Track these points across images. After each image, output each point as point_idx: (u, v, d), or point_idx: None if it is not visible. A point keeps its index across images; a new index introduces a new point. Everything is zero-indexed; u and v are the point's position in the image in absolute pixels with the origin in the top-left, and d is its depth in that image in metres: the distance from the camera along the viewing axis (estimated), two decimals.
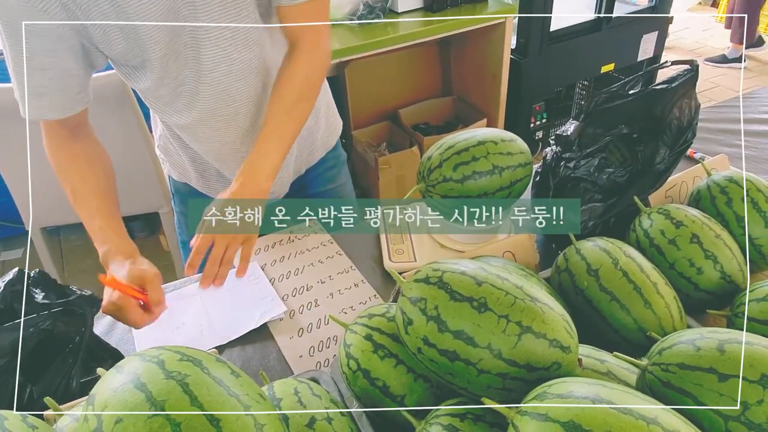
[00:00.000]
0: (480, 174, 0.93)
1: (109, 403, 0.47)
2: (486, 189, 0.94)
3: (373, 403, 0.66)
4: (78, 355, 0.76)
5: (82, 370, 0.75)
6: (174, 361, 0.49)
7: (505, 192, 0.96)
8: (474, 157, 0.93)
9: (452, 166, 0.93)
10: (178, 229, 1.25)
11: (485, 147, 0.95)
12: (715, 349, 0.54)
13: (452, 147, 0.96)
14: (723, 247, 0.83)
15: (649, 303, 0.74)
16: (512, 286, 0.59)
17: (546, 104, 2.89)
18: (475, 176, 0.93)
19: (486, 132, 0.99)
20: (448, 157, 0.94)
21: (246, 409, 0.47)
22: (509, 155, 0.96)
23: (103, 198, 0.91)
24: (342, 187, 1.28)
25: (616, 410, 0.44)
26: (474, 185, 0.93)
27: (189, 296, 0.99)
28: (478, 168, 0.93)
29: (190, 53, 0.86)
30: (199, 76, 0.89)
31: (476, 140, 0.95)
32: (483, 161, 0.93)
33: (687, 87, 0.98)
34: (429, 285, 0.60)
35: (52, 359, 0.74)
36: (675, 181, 1.06)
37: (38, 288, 0.80)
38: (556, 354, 0.56)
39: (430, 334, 0.58)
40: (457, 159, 0.94)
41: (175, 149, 1.10)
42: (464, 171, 0.93)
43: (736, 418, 0.50)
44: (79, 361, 0.76)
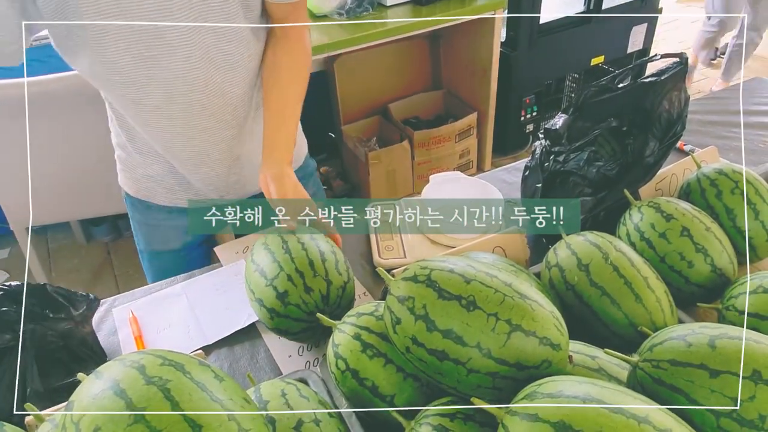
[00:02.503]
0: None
1: (87, 410, 0.45)
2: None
3: (362, 403, 0.65)
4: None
5: (63, 373, 0.74)
6: (155, 365, 0.48)
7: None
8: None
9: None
10: (137, 239, 1.18)
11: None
12: (706, 344, 0.53)
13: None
14: (713, 240, 0.82)
15: (639, 297, 0.73)
16: (501, 284, 0.58)
17: (536, 97, 2.89)
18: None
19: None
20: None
21: (230, 416, 0.46)
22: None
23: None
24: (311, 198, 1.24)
25: (607, 409, 0.44)
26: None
27: (175, 296, 0.97)
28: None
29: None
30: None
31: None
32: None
33: (676, 79, 0.97)
34: (417, 283, 0.59)
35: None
36: (665, 174, 1.05)
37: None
38: (546, 352, 0.55)
39: (419, 333, 0.57)
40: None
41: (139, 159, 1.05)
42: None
43: (728, 414, 0.49)
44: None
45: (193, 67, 0.87)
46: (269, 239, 0.83)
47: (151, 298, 0.97)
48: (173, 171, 1.05)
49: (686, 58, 0.95)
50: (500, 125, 2.82)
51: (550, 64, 2.82)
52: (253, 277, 0.80)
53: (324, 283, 0.77)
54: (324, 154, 2.96)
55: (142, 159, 1.04)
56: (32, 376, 0.71)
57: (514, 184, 1.22)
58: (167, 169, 1.04)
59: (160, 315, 0.94)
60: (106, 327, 0.92)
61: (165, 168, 1.04)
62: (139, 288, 1.00)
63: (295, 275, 0.77)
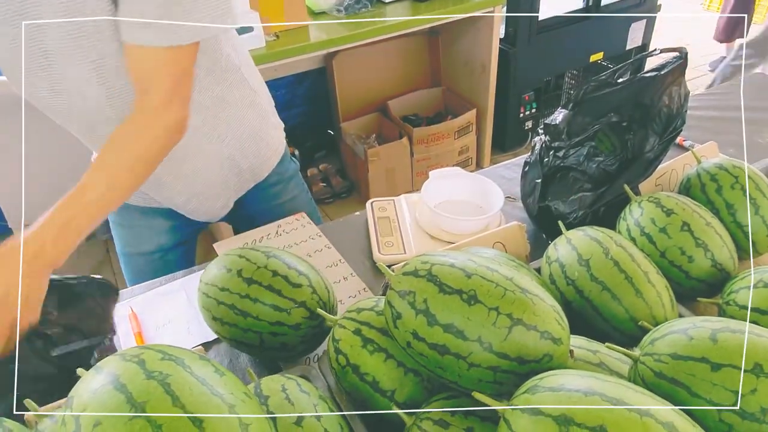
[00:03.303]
0: None
1: (88, 405, 0.45)
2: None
3: (362, 399, 0.65)
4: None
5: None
6: (155, 360, 0.48)
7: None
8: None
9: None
10: (117, 241, 1.15)
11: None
12: (707, 338, 0.53)
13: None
14: (714, 234, 0.82)
15: (640, 292, 0.73)
16: (502, 278, 0.58)
17: (535, 94, 2.89)
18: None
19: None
20: None
21: (230, 409, 0.46)
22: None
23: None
24: (291, 202, 1.19)
25: (609, 403, 0.43)
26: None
27: (174, 292, 0.97)
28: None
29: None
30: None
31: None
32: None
33: (676, 74, 0.97)
34: (418, 278, 0.59)
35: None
36: (665, 169, 1.05)
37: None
38: (547, 346, 0.55)
39: (420, 327, 0.57)
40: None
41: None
42: None
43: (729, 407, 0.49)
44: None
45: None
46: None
47: (150, 294, 0.97)
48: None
49: (686, 53, 0.95)
50: (499, 122, 2.82)
51: (549, 61, 2.81)
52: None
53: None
54: (323, 152, 2.96)
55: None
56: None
57: (513, 180, 1.22)
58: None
59: (160, 311, 0.94)
60: None
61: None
62: (138, 284, 1.00)
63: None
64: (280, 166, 1.15)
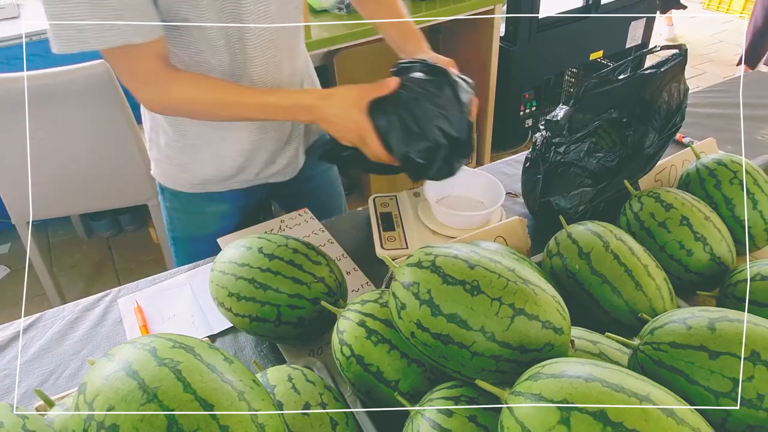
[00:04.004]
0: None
1: (100, 391, 0.46)
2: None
3: (367, 389, 0.66)
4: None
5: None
6: (166, 348, 0.49)
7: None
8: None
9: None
10: (168, 225, 1.22)
11: None
12: (705, 327, 0.54)
13: None
14: (712, 229, 0.83)
15: (640, 285, 0.74)
16: (504, 269, 0.59)
17: (536, 92, 2.89)
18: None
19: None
20: None
21: (240, 395, 0.47)
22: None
23: (246, 88, 0.94)
24: (330, 169, 1.32)
25: (609, 388, 0.44)
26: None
27: (179, 286, 0.98)
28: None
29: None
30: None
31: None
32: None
33: (675, 71, 0.98)
34: (421, 269, 0.60)
35: None
36: (664, 165, 1.06)
37: None
38: (548, 335, 0.56)
39: (423, 318, 0.58)
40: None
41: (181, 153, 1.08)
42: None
43: (726, 394, 0.50)
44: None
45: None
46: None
47: (155, 288, 0.98)
48: (220, 159, 1.08)
49: (686, 50, 0.96)
50: (499, 120, 2.83)
51: (550, 59, 2.82)
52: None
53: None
54: None
55: (193, 153, 1.07)
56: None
57: (514, 176, 1.23)
58: (215, 156, 1.08)
59: (165, 305, 0.95)
60: (111, 317, 0.93)
61: (214, 156, 1.07)
62: (144, 279, 1.01)
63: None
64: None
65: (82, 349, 0.88)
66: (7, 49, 1.98)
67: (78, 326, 0.92)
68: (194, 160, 1.08)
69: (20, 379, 0.83)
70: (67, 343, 0.89)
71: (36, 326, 0.92)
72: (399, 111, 0.86)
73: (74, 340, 0.89)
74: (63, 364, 0.85)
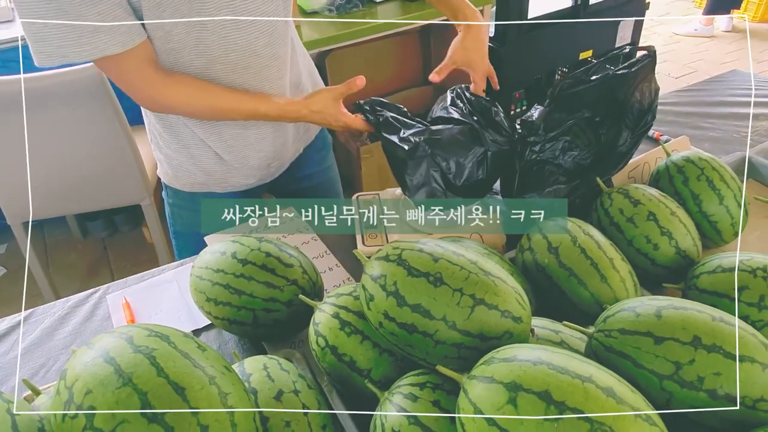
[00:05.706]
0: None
1: (79, 376, 0.49)
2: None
3: (341, 378, 0.69)
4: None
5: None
6: (142, 336, 0.52)
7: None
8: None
9: None
10: (170, 220, 1.25)
11: None
12: (653, 314, 0.57)
13: None
14: (678, 224, 0.86)
15: (605, 277, 0.77)
16: (467, 262, 0.62)
17: (526, 92, 2.92)
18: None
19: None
20: None
21: (211, 380, 0.50)
22: None
23: (242, 93, 0.97)
24: (329, 169, 1.34)
25: (554, 370, 0.48)
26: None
27: (166, 283, 1.01)
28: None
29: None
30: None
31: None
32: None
33: (646, 71, 1.01)
34: (389, 262, 0.63)
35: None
36: (638, 162, 1.09)
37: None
38: (507, 324, 0.59)
39: (390, 308, 0.61)
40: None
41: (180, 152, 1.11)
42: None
43: (669, 377, 0.53)
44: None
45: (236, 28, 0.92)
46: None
47: (143, 285, 1.01)
48: (220, 160, 1.12)
49: (654, 51, 0.99)
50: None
51: (539, 59, 2.85)
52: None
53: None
54: None
55: (192, 156, 1.11)
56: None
57: None
58: (215, 159, 1.11)
59: (152, 301, 0.98)
60: (100, 313, 0.96)
61: (213, 159, 1.11)
62: (132, 276, 1.04)
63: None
64: (322, 131, 1.29)
65: (71, 343, 0.91)
66: (1, 52, 2.01)
67: (68, 322, 0.95)
68: (191, 163, 1.12)
69: (12, 372, 0.86)
70: (57, 338, 0.92)
71: (27, 322, 0.95)
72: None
73: (64, 335, 0.92)
74: (53, 357, 0.88)
